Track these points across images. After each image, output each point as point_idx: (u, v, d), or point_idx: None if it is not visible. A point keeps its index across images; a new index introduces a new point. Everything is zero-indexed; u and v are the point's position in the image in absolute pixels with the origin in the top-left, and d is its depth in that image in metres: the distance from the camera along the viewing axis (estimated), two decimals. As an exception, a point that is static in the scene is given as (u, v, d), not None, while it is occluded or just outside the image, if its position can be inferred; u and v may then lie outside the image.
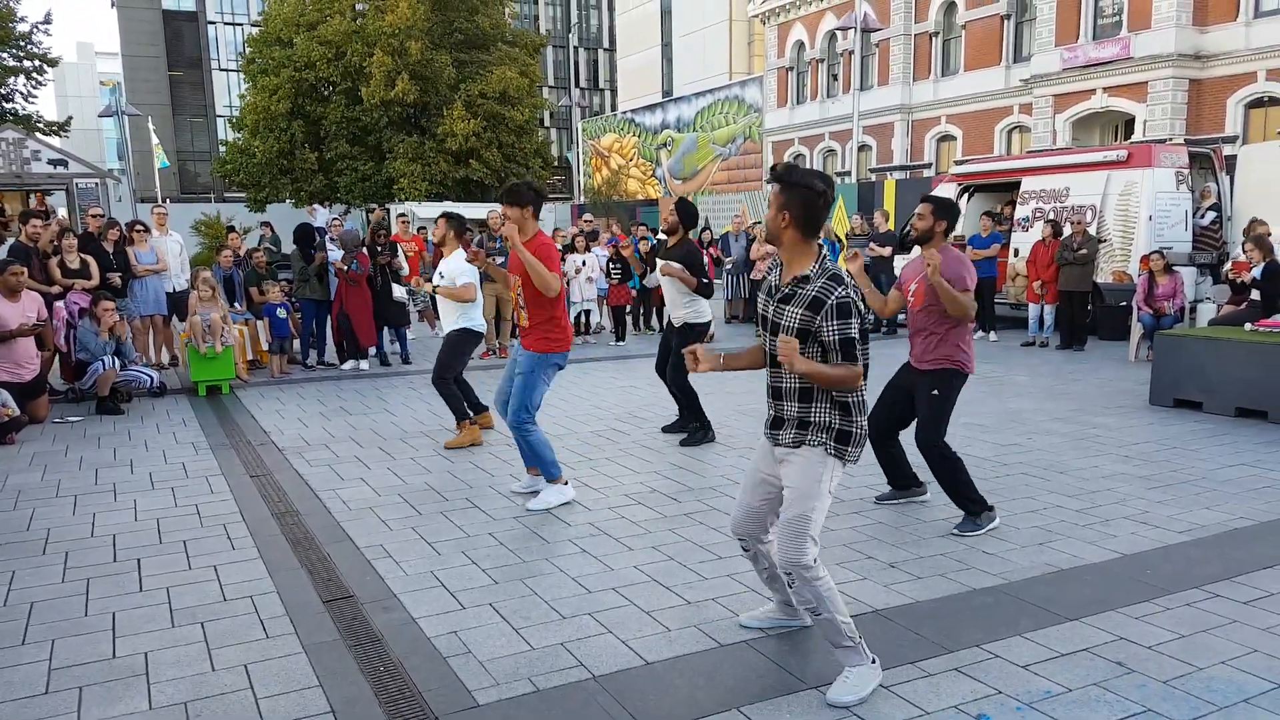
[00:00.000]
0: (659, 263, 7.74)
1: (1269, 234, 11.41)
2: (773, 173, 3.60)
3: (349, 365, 11.98)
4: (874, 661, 3.59)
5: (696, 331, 7.65)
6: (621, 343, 14.42)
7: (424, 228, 19.23)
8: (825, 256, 3.58)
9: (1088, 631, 4.03)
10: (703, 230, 16.07)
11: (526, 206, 5.98)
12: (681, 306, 7.67)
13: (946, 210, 5.53)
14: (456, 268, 7.61)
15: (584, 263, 14.39)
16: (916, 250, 5.79)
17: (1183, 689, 3.53)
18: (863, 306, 3.52)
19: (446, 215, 7.90)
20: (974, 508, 5.48)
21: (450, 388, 7.77)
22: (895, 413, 5.86)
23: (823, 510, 3.57)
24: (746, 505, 3.88)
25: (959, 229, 15.94)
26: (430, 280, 8.06)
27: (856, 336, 3.45)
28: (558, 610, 4.35)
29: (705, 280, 7.61)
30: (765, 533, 3.90)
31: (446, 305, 7.76)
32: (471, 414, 7.96)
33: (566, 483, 6.20)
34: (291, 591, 4.63)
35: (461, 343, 7.74)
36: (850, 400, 3.56)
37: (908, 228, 16.93)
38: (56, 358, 10.23)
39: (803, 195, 3.49)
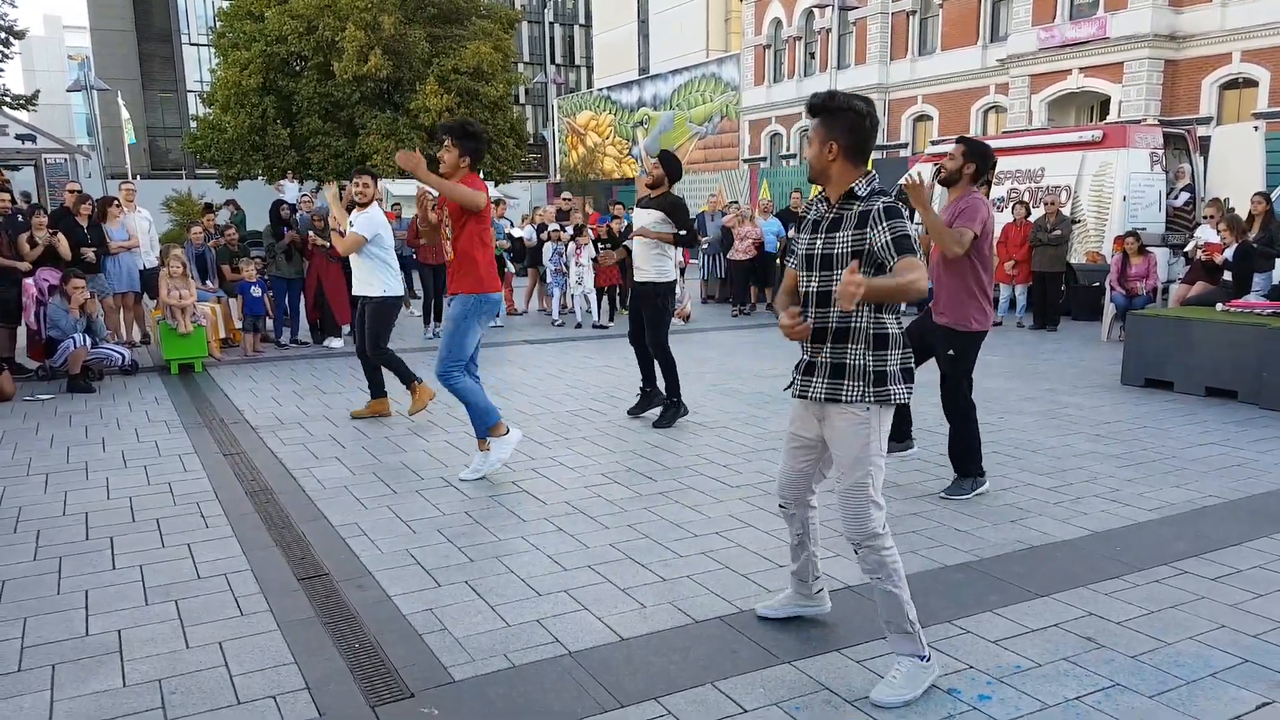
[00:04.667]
0: (635, 228, 7.69)
1: (1217, 215, 11.53)
2: (811, 103, 3.33)
3: (338, 344, 11.97)
4: (928, 659, 3.36)
5: (660, 290, 7.60)
6: (611, 324, 14.21)
7: (398, 203, 19.10)
8: (874, 177, 3.35)
9: (1058, 607, 4.08)
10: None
11: (457, 142, 5.94)
12: (649, 265, 7.56)
13: (978, 154, 5.51)
14: (371, 221, 7.60)
15: (577, 246, 14.13)
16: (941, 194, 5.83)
17: (1151, 664, 3.57)
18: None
19: (372, 174, 7.93)
20: (972, 469, 5.61)
21: (391, 355, 7.79)
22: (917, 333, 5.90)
23: (880, 470, 3.33)
24: (790, 470, 3.68)
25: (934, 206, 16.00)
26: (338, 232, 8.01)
27: (911, 234, 3.19)
28: (533, 587, 4.36)
29: (685, 233, 7.49)
30: (811, 494, 3.73)
31: (362, 271, 7.70)
32: (411, 380, 7.91)
33: (507, 430, 6.21)
34: (266, 570, 4.61)
35: (384, 312, 7.72)
36: (889, 332, 3.33)
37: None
38: (26, 335, 10.13)
39: (849, 120, 3.28)
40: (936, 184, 5.80)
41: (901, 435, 6.12)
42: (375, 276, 7.62)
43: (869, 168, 3.39)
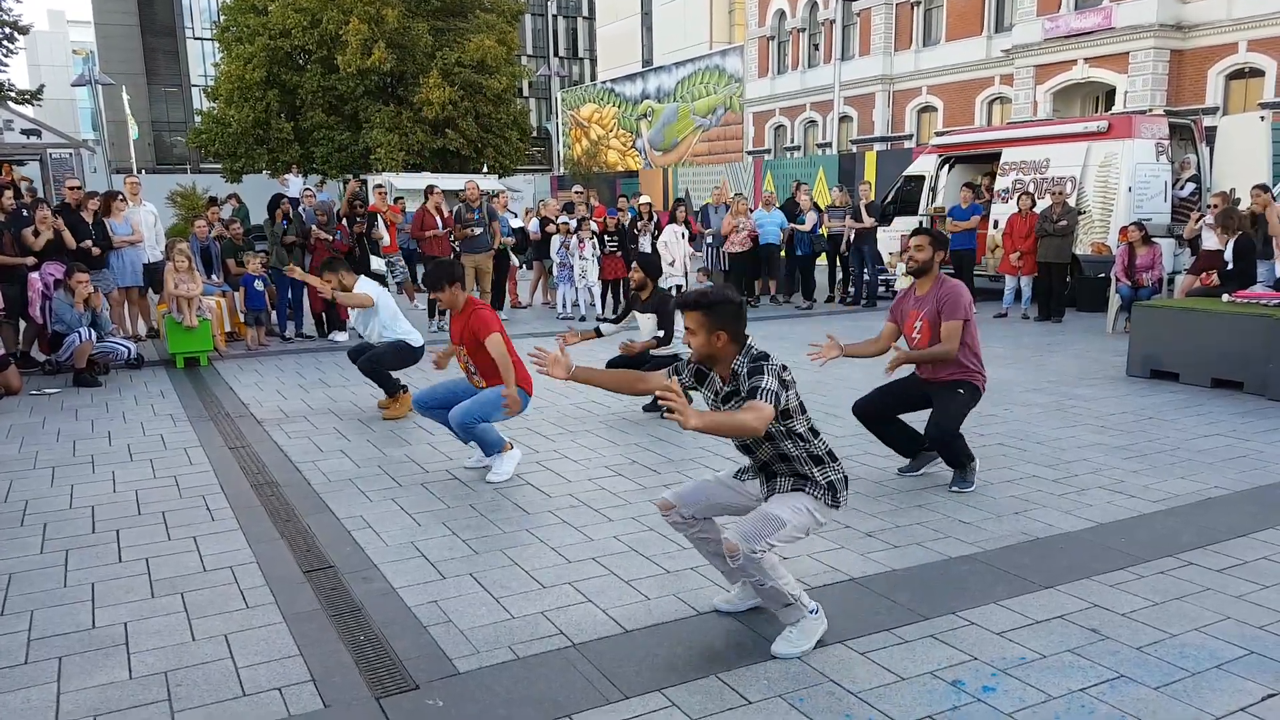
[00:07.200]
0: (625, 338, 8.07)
1: (1221, 206, 11.39)
2: (685, 304, 3.60)
3: (343, 337, 11.95)
4: (815, 611, 3.68)
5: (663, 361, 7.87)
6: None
7: (401, 197, 19.09)
8: (751, 345, 3.62)
9: (1062, 599, 4.08)
10: (677, 205, 15.89)
11: (449, 286, 6.02)
12: (650, 335, 7.93)
13: (941, 241, 5.79)
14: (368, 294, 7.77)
15: (579, 240, 14.07)
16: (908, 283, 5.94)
17: (1156, 655, 3.57)
18: (786, 378, 3.53)
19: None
20: (965, 459, 5.65)
21: (383, 374, 7.86)
22: (891, 401, 5.93)
23: (798, 529, 3.61)
24: (708, 491, 3.88)
25: (939, 200, 16.00)
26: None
27: (770, 386, 3.43)
28: (538, 580, 4.37)
29: (663, 333, 7.80)
30: (704, 521, 3.87)
31: (376, 334, 7.90)
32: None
33: (511, 446, 6.14)
34: (271, 562, 4.62)
35: (402, 352, 7.79)
36: (820, 452, 3.69)
37: (889, 198, 17.04)
38: (34, 329, 10.15)
39: (728, 310, 3.57)
40: (906, 274, 5.94)
41: (921, 447, 6.06)
42: (388, 336, 7.81)
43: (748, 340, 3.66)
